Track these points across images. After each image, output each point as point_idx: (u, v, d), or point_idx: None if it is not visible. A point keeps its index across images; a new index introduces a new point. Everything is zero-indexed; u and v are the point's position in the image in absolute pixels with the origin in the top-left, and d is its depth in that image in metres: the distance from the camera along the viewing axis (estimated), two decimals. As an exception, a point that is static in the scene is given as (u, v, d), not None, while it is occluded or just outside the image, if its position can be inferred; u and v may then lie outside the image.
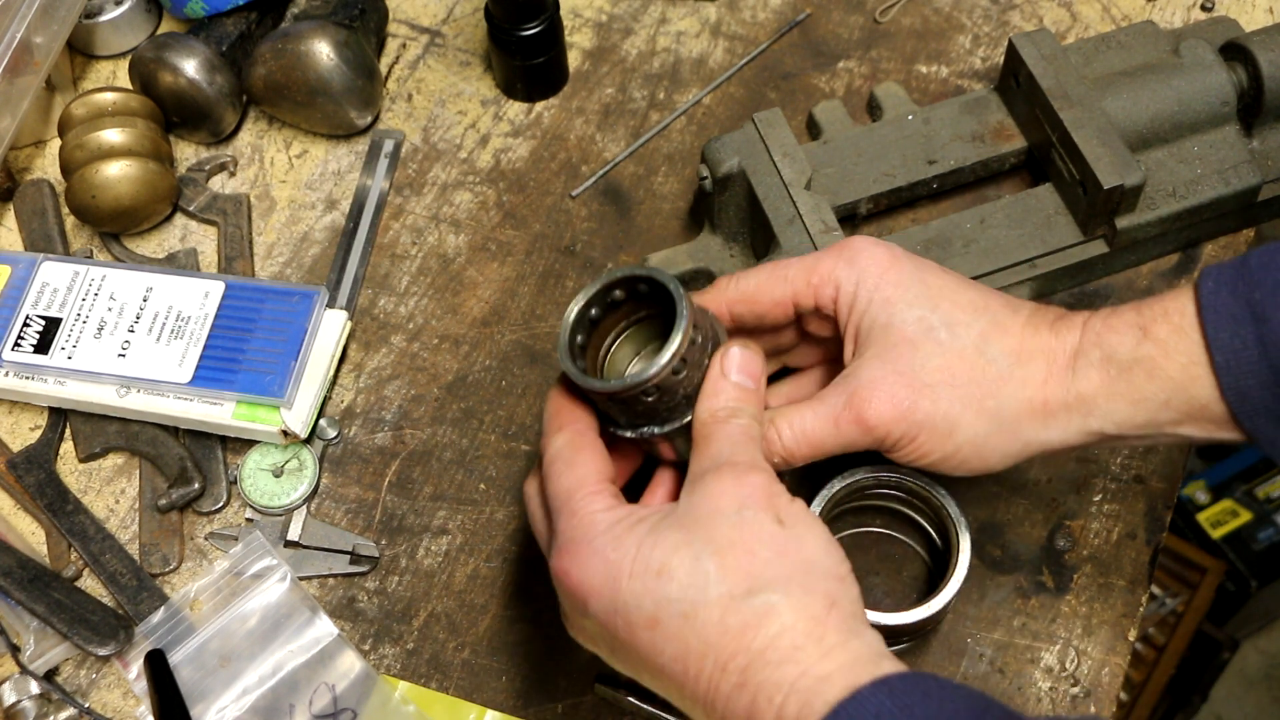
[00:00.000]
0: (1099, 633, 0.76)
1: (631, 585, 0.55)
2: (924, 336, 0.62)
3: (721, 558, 0.54)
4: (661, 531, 0.56)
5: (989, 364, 0.62)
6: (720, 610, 0.54)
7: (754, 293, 0.65)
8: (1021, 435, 0.62)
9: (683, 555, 0.55)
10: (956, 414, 0.61)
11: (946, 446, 0.62)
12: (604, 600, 0.56)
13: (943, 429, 0.61)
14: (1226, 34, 0.88)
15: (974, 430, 0.62)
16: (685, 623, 0.54)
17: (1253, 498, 1.85)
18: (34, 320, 0.83)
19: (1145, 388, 0.60)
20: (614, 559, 0.56)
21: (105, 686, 0.77)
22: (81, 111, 0.89)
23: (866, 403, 0.61)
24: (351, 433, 0.84)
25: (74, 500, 0.82)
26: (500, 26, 0.91)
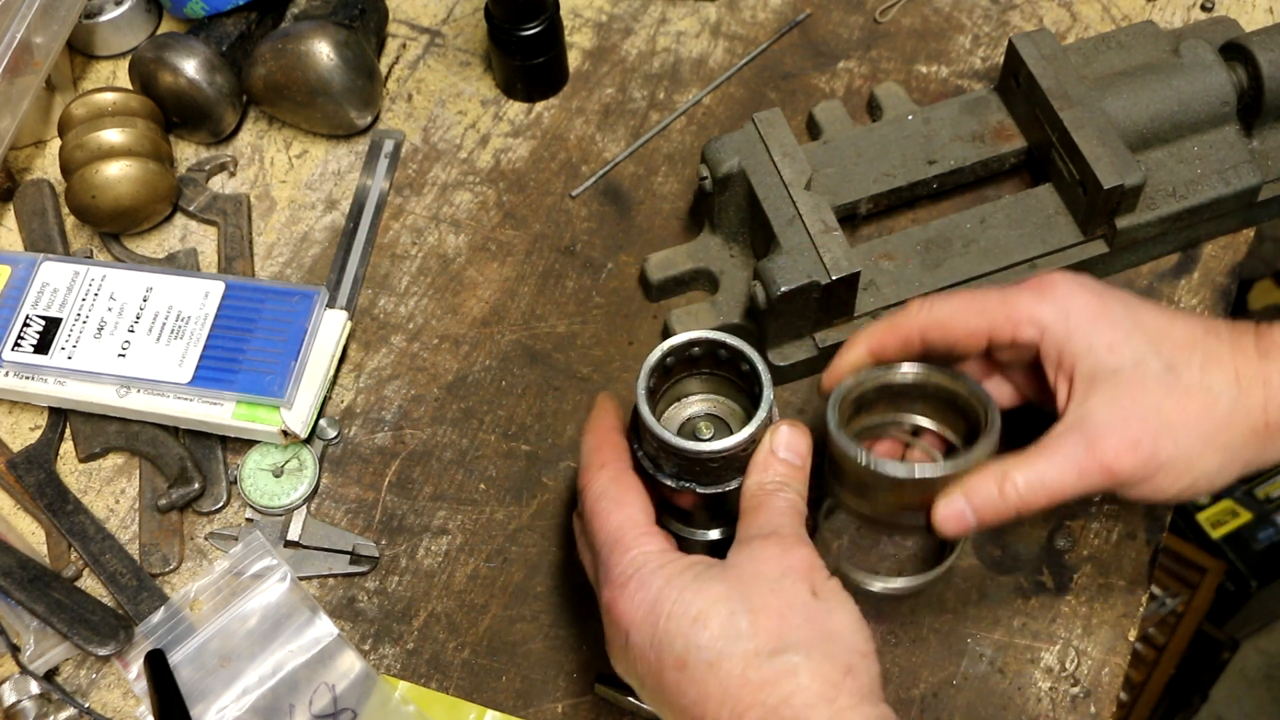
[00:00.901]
0: (1099, 633, 0.76)
1: (668, 625, 0.58)
2: (1153, 379, 0.64)
3: (754, 616, 0.58)
4: (705, 581, 0.59)
5: (1216, 400, 0.64)
6: (744, 664, 0.57)
7: (949, 321, 0.67)
8: (1245, 460, 0.64)
9: (720, 608, 0.58)
10: (1196, 453, 0.64)
11: (1183, 482, 0.64)
12: (643, 634, 0.59)
13: (1181, 468, 0.63)
14: (1226, 34, 0.88)
15: (1208, 465, 0.64)
16: (710, 670, 0.57)
17: (1253, 497, 1.85)
18: (34, 320, 0.83)
19: None
20: (658, 598, 0.59)
21: (105, 686, 0.77)
22: (81, 111, 0.89)
23: (1109, 451, 0.63)
24: (351, 433, 0.84)
25: (74, 500, 0.82)
26: (500, 26, 0.91)
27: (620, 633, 0.61)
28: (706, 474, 0.66)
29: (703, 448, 0.63)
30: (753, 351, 0.65)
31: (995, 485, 0.64)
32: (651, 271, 0.86)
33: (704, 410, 0.72)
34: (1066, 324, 0.65)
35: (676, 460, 0.65)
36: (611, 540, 0.63)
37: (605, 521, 0.63)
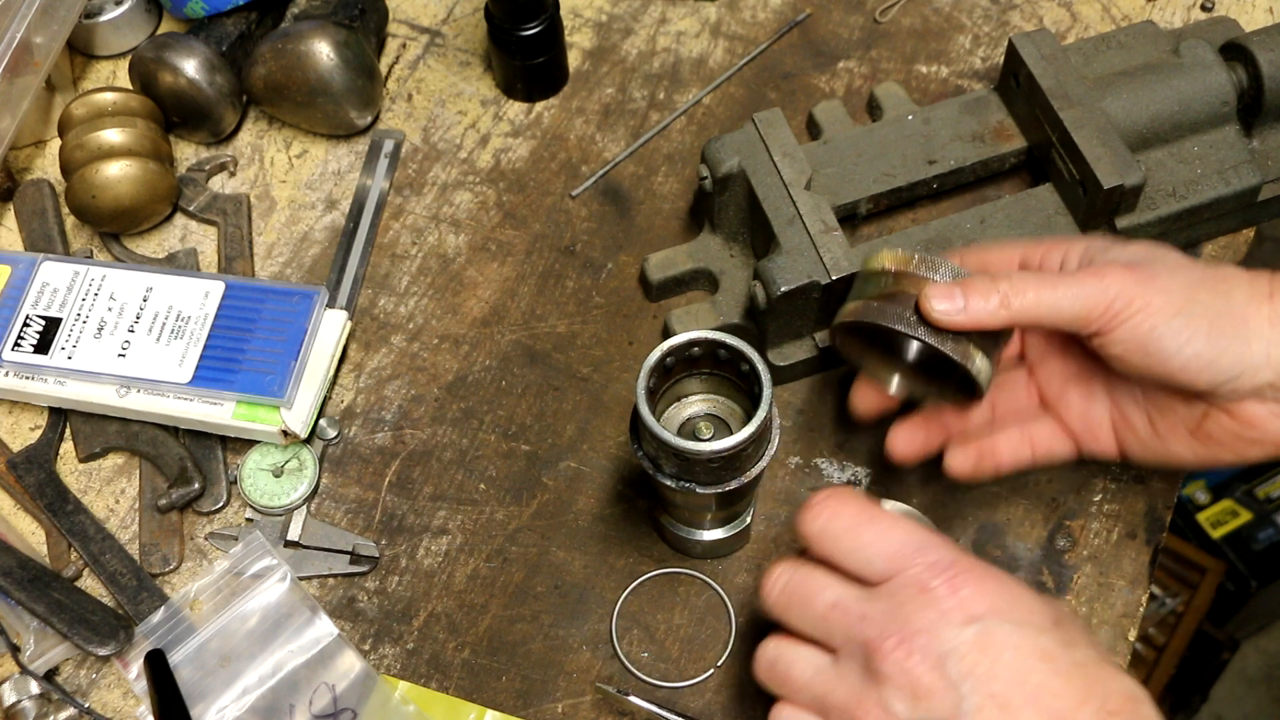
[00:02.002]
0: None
1: (1032, 619, 0.57)
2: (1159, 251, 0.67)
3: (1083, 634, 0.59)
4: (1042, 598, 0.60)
5: (1219, 267, 0.66)
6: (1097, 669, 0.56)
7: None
8: (1250, 324, 0.63)
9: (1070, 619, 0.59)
10: (1191, 287, 0.63)
11: (1179, 312, 0.63)
12: (1003, 620, 0.56)
13: (1176, 296, 0.63)
14: (1226, 34, 0.88)
15: (1207, 304, 0.63)
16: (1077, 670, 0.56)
17: (1253, 498, 1.85)
18: (34, 320, 0.83)
19: None
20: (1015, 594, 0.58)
21: (105, 686, 0.77)
22: (81, 111, 0.89)
23: (1107, 266, 0.64)
24: (351, 433, 0.84)
25: (74, 500, 0.82)
26: (500, 26, 0.91)
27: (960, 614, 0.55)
28: (707, 474, 0.66)
29: (702, 448, 0.63)
30: (752, 351, 0.65)
31: (990, 279, 0.64)
32: (651, 271, 0.86)
33: (704, 410, 0.72)
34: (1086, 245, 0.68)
35: (676, 460, 0.65)
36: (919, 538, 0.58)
37: (895, 525, 0.59)
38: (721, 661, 0.76)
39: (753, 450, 0.66)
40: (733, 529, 0.76)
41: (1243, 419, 0.65)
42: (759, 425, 0.64)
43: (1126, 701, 0.55)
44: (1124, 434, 0.71)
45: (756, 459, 0.67)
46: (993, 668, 0.54)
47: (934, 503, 0.80)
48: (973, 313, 0.64)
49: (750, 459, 0.66)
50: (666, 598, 0.78)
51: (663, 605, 0.78)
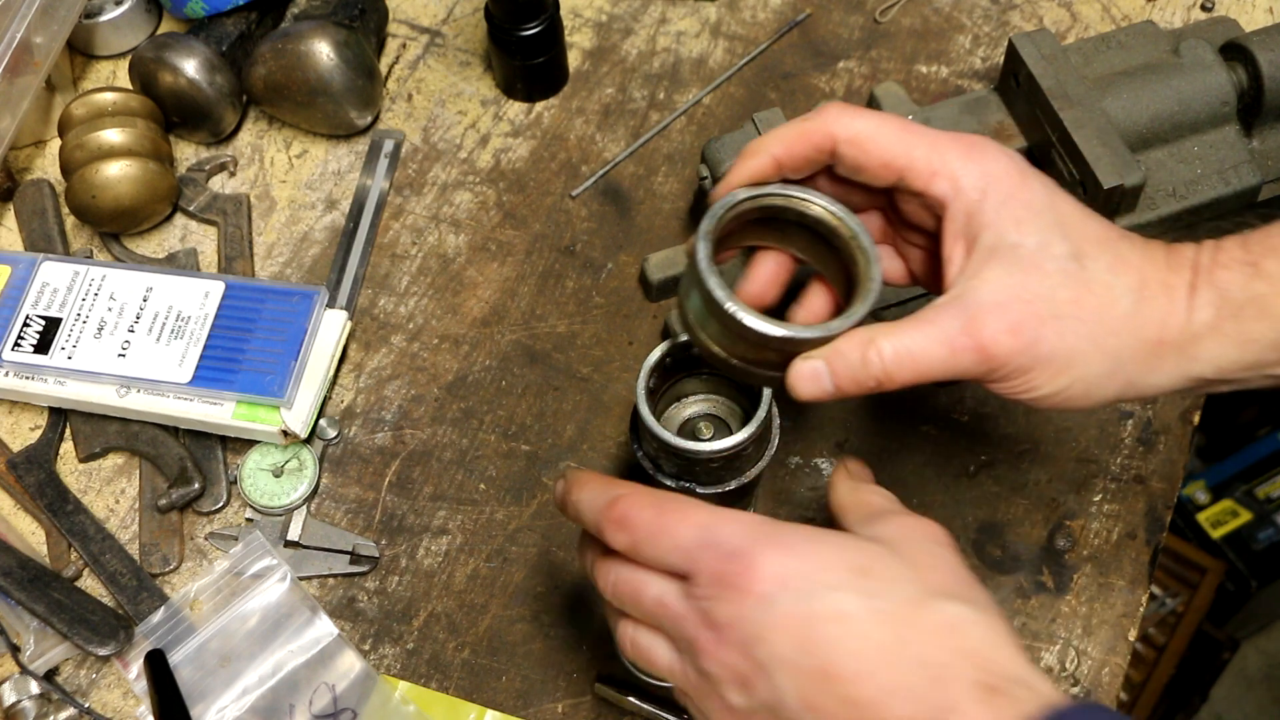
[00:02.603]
0: (1099, 633, 0.76)
1: (827, 578, 0.54)
2: (1053, 264, 0.58)
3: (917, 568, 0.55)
4: (850, 538, 0.56)
5: (1116, 301, 0.59)
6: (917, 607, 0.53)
7: (868, 141, 0.60)
8: (1129, 377, 0.59)
9: (884, 561, 0.55)
10: (1080, 352, 0.58)
11: (1059, 382, 0.58)
12: (792, 592, 0.53)
13: (1060, 365, 0.58)
14: (1226, 34, 0.88)
15: (1089, 369, 0.59)
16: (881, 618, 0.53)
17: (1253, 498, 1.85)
18: (34, 320, 0.83)
19: (1255, 328, 0.58)
20: (811, 556, 0.54)
21: (105, 686, 0.77)
22: (81, 111, 0.89)
23: (987, 330, 0.57)
24: (351, 433, 0.84)
25: (74, 500, 0.82)
26: (500, 26, 0.91)
27: (753, 602, 0.53)
28: (707, 474, 0.66)
29: (703, 447, 0.63)
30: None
31: (859, 351, 0.58)
32: (651, 271, 0.86)
33: (704, 410, 0.72)
34: (983, 189, 0.59)
35: (676, 460, 0.65)
36: (708, 524, 0.56)
37: (685, 518, 0.56)
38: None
39: (753, 450, 0.66)
40: None
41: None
42: (759, 425, 0.63)
43: (938, 634, 0.52)
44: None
45: (757, 459, 0.67)
46: (794, 644, 0.53)
47: (934, 502, 0.80)
48: (842, 392, 0.59)
49: (750, 459, 0.66)
50: (666, 598, 0.78)
51: (663, 605, 0.78)
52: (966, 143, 0.60)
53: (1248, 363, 0.59)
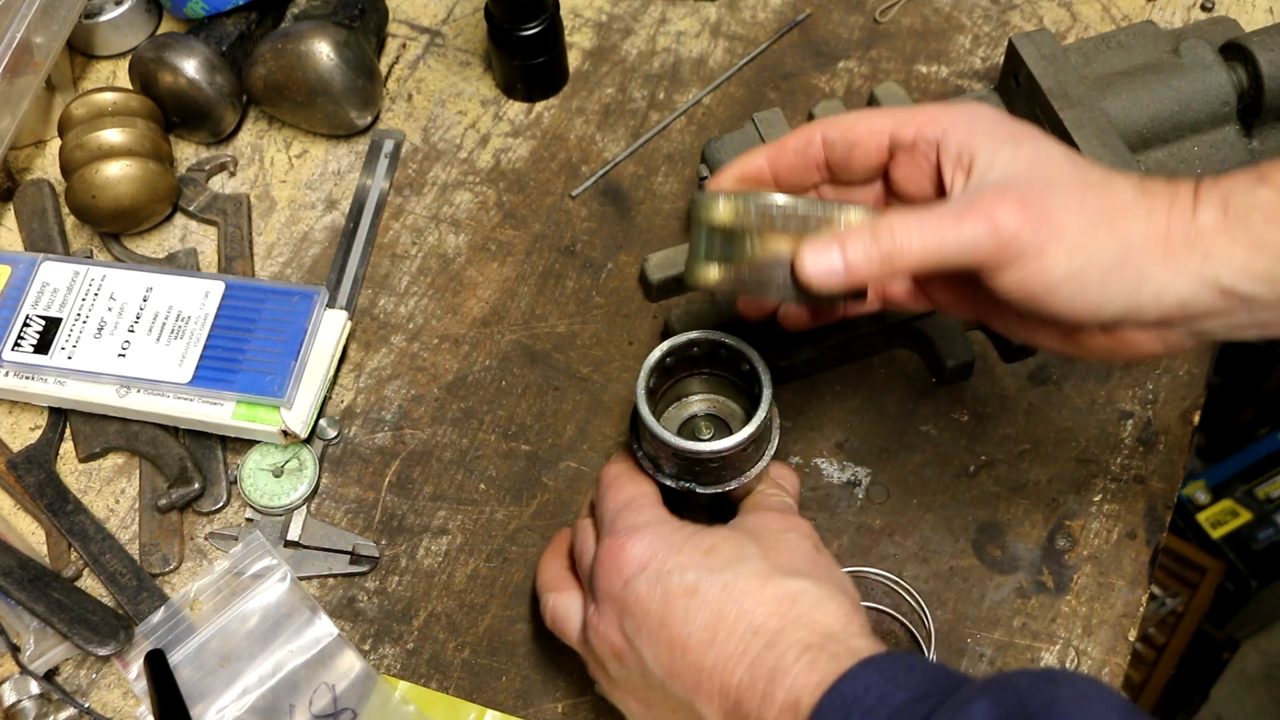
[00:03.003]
0: (1099, 633, 0.76)
1: (679, 559, 0.60)
2: (1052, 162, 0.59)
3: (764, 548, 0.61)
4: (712, 529, 0.63)
5: (1118, 192, 0.59)
6: (760, 581, 0.59)
7: (853, 120, 0.63)
8: (1144, 271, 0.58)
9: (730, 543, 0.61)
10: (1090, 229, 0.57)
11: (1074, 263, 0.57)
12: (649, 572, 0.61)
13: (1073, 241, 0.57)
14: (1226, 34, 0.88)
15: (1102, 250, 0.58)
16: (724, 591, 0.59)
17: (1253, 498, 1.85)
18: (34, 320, 0.83)
19: (1264, 232, 0.57)
20: (668, 540, 0.61)
21: (105, 686, 0.77)
22: (81, 111, 0.89)
23: (997, 204, 0.57)
24: (351, 433, 0.84)
25: (74, 500, 0.82)
26: (500, 26, 0.91)
27: (619, 581, 0.62)
28: (706, 474, 0.66)
29: (702, 448, 0.63)
30: (753, 351, 0.65)
31: (869, 231, 0.58)
32: (651, 271, 0.86)
33: (704, 410, 0.72)
34: (970, 122, 0.61)
35: (676, 460, 0.65)
36: (624, 503, 0.65)
37: (620, 492, 0.66)
38: None
39: (753, 450, 0.66)
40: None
41: (1118, 339, 0.62)
42: (759, 425, 0.64)
43: (777, 604, 0.58)
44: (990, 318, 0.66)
45: (757, 459, 0.67)
46: (653, 619, 0.60)
47: (934, 502, 0.80)
48: (854, 275, 0.59)
49: (750, 459, 0.66)
50: (666, 598, 0.78)
51: (663, 605, 0.78)
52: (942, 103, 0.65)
53: (1259, 271, 0.57)
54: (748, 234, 0.59)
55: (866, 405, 0.84)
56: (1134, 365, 0.84)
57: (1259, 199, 0.57)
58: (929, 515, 0.80)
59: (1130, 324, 0.60)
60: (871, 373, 0.85)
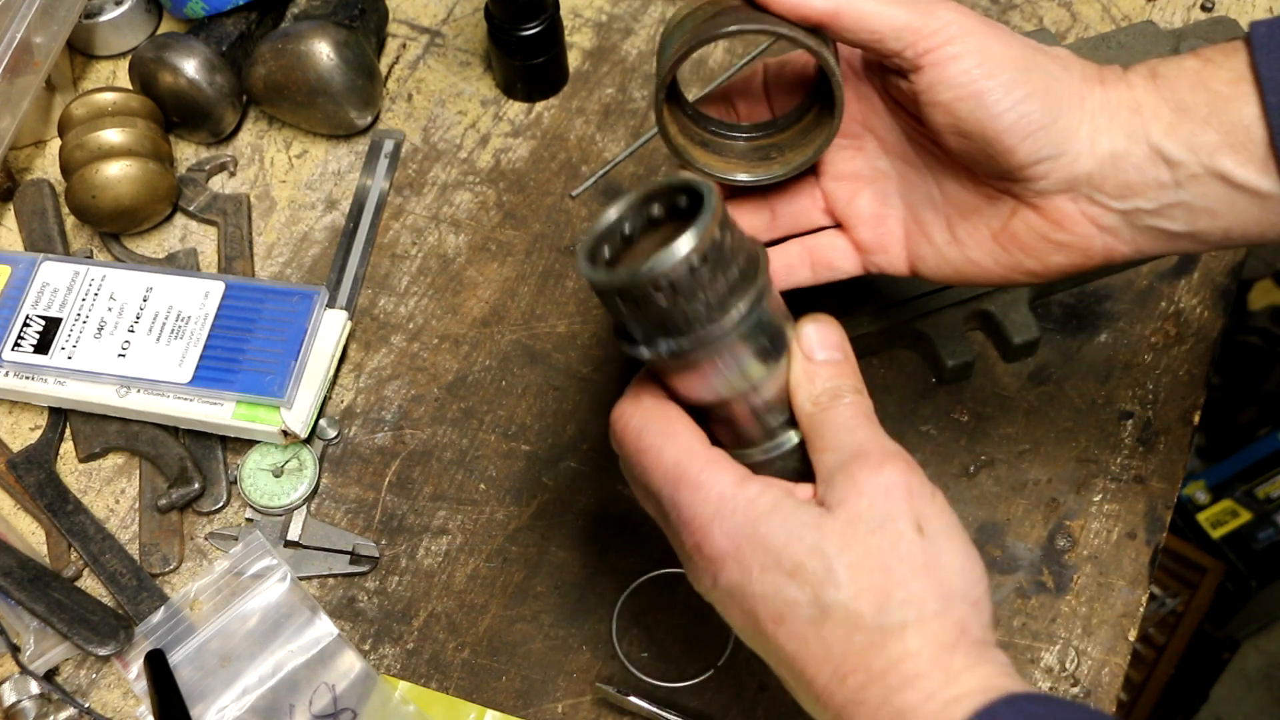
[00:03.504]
0: (1099, 633, 0.76)
1: (763, 578, 0.53)
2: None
3: (856, 572, 0.52)
4: (796, 527, 0.53)
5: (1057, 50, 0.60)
6: (848, 626, 0.51)
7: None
8: (1082, 104, 0.58)
9: (816, 562, 0.52)
10: (1026, 53, 0.58)
11: (1007, 74, 0.57)
12: (734, 580, 0.54)
13: (1016, 56, 0.58)
14: (1226, 34, 0.88)
15: (1037, 69, 0.58)
16: (810, 627, 0.52)
17: (1253, 498, 1.85)
18: (34, 320, 0.83)
19: (1189, 96, 0.57)
20: (748, 543, 0.53)
21: (105, 686, 0.77)
22: (81, 111, 0.89)
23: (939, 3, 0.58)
24: (351, 433, 0.84)
25: (74, 500, 0.82)
26: (500, 27, 0.91)
27: (709, 575, 0.55)
28: (669, 321, 0.53)
29: (641, 271, 0.51)
30: (702, 182, 0.54)
31: None
32: (651, 271, 0.86)
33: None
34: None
35: (633, 309, 0.54)
36: (675, 479, 0.55)
37: (659, 459, 0.56)
38: (721, 661, 0.76)
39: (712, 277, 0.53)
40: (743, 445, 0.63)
41: (1051, 217, 0.60)
42: (706, 226, 0.51)
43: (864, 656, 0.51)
44: (918, 244, 0.65)
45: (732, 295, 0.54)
46: (736, 621, 0.55)
47: (934, 503, 0.80)
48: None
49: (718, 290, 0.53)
50: (666, 598, 0.78)
51: (662, 605, 0.78)
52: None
53: (1186, 136, 0.57)
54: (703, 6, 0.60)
55: (866, 405, 0.84)
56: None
57: (1185, 65, 0.58)
58: (929, 515, 0.80)
59: (1062, 179, 0.59)
60: (871, 373, 0.85)
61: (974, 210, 0.63)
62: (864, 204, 0.66)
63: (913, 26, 0.58)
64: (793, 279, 0.67)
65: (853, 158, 0.67)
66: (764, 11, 0.60)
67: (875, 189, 0.66)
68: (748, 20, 0.59)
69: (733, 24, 0.59)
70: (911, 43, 0.58)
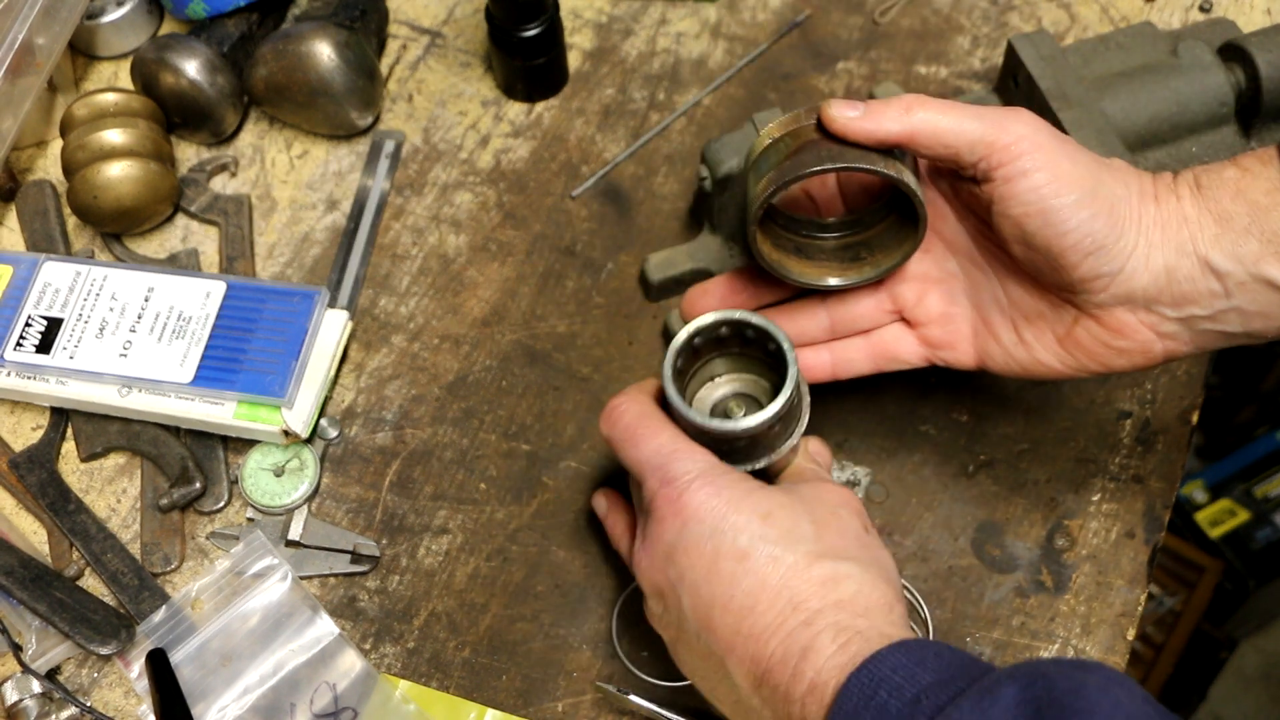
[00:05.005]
0: (1097, 632, 0.76)
1: (735, 519, 0.60)
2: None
3: (817, 526, 0.61)
4: (769, 490, 0.63)
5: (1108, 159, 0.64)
6: (808, 561, 0.59)
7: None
8: (1139, 221, 0.62)
9: (786, 512, 0.61)
10: (1089, 169, 0.62)
11: (1073, 193, 0.61)
12: (704, 526, 0.61)
13: (1084, 174, 0.62)
14: (1224, 35, 0.88)
15: (1099, 189, 0.62)
16: (772, 563, 0.59)
17: (1251, 497, 1.85)
18: (36, 320, 0.83)
19: (1230, 206, 0.61)
20: (727, 496, 0.61)
21: (107, 685, 0.78)
22: (83, 112, 0.89)
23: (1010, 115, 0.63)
24: (352, 432, 0.85)
25: (75, 500, 0.82)
26: (500, 27, 0.92)
27: (674, 527, 0.61)
28: (736, 453, 0.66)
29: (732, 426, 0.64)
30: (778, 330, 0.65)
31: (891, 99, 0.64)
32: (651, 271, 0.87)
33: (733, 390, 0.71)
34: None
35: (707, 441, 0.65)
36: (667, 451, 0.63)
37: (652, 438, 0.64)
38: None
39: (782, 427, 0.66)
40: None
41: (1112, 326, 0.64)
42: (786, 401, 0.64)
43: (820, 585, 0.59)
44: (986, 342, 0.70)
45: (787, 435, 0.67)
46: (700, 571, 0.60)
47: (933, 502, 0.80)
48: (873, 115, 0.63)
49: (781, 435, 0.67)
50: (666, 597, 0.78)
51: (663, 604, 0.78)
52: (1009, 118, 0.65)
53: (1230, 247, 0.61)
54: (781, 141, 0.66)
55: (866, 405, 0.84)
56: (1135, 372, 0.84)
57: (1225, 175, 0.62)
58: (928, 515, 0.80)
59: (1120, 293, 0.63)
60: (871, 373, 0.85)
61: (1039, 315, 0.67)
62: (932, 304, 0.71)
63: (986, 141, 0.62)
64: (850, 370, 0.74)
65: (920, 259, 0.71)
66: (843, 144, 0.65)
67: (943, 289, 0.71)
68: (829, 159, 0.65)
69: (814, 165, 0.65)
70: (985, 155, 0.63)
